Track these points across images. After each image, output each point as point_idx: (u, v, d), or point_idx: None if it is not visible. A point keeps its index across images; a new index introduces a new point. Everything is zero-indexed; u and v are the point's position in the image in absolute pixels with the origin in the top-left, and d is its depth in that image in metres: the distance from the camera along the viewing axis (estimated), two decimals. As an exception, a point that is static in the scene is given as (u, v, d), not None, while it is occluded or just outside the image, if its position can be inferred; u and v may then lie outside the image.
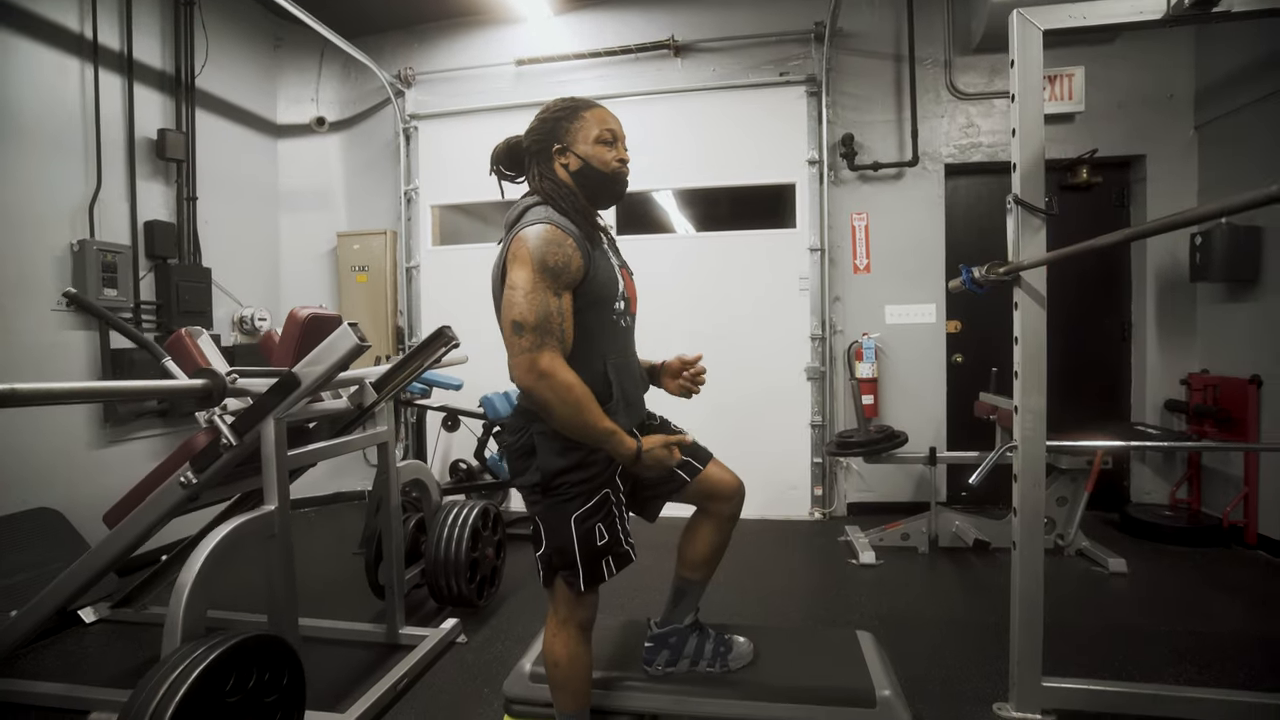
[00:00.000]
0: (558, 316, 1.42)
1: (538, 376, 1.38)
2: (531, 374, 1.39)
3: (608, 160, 1.56)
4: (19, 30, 3.02)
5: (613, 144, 1.58)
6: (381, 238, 4.64)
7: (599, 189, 1.58)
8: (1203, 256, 3.62)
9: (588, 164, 1.55)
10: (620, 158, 1.59)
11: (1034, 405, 1.97)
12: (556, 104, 1.60)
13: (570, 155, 1.56)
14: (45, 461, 3.06)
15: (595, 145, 1.56)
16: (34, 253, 3.07)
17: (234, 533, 1.77)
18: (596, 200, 1.61)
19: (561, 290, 1.43)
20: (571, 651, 1.59)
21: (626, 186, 1.62)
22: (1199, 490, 3.89)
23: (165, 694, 1.42)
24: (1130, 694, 1.99)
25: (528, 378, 1.39)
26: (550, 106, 1.60)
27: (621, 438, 1.44)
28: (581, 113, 1.57)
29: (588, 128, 1.56)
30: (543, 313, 1.39)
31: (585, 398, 1.40)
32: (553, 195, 1.55)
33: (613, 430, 1.43)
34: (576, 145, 1.55)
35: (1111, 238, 1.55)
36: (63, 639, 2.67)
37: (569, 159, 1.56)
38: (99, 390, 1.75)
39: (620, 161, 1.59)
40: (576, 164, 1.56)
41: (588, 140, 1.55)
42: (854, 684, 1.78)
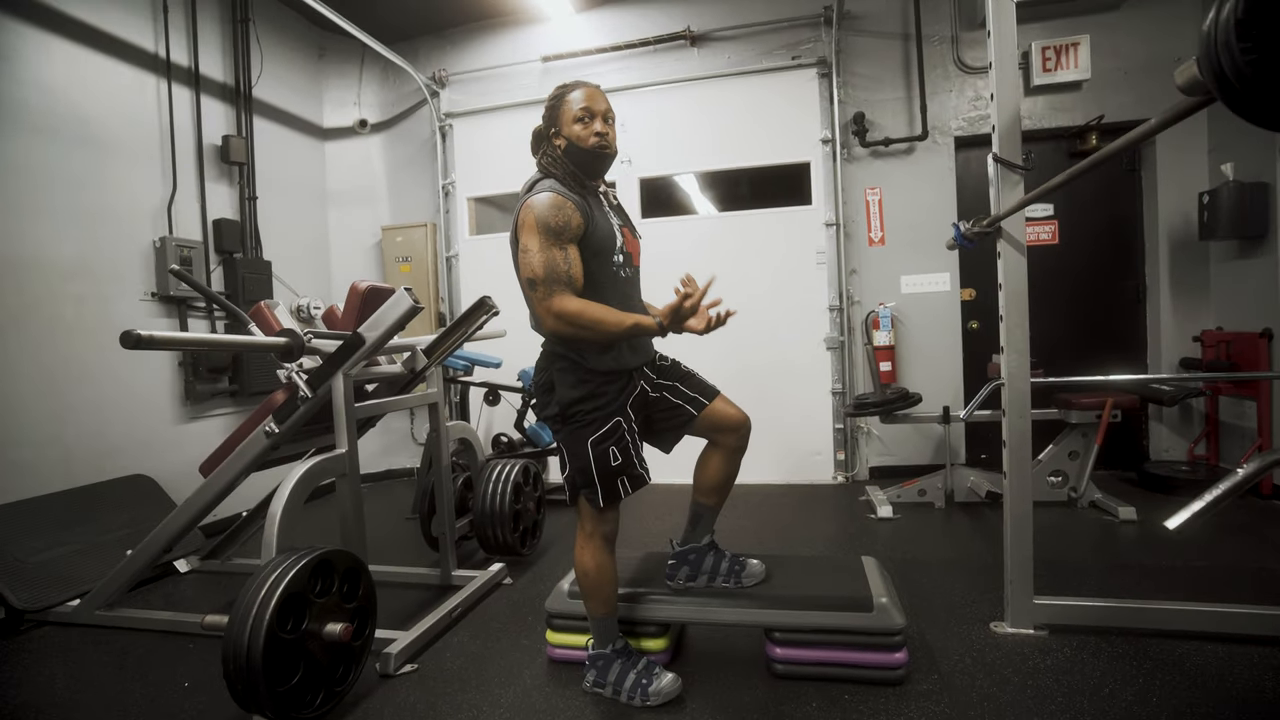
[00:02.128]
0: (564, 264, 1.70)
1: (555, 317, 1.68)
2: (550, 317, 1.68)
3: (584, 137, 1.78)
4: (104, 51, 3.41)
5: (589, 120, 1.78)
6: (422, 230, 4.98)
7: (584, 163, 1.83)
8: (1210, 215, 3.72)
9: (571, 142, 1.80)
10: (597, 132, 1.78)
11: (1018, 344, 2.16)
12: (554, 91, 1.86)
13: (560, 138, 1.82)
14: (137, 434, 3.46)
15: (574, 125, 1.79)
16: (125, 248, 3.47)
17: (313, 469, 2.08)
18: (586, 172, 1.84)
19: (565, 244, 1.71)
20: (598, 561, 1.85)
21: (609, 158, 1.85)
22: (1216, 445, 3.98)
23: (268, 590, 1.73)
24: (1115, 608, 2.18)
25: (548, 321, 1.69)
26: (551, 94, 1.86)
27: (645, 321, 1.69)
28: (565, 96, 1.82)
29: (569, 109, 1.80)
30: (550, 266, 1.68)
31: (596, 312, 1.67)
32: (550, 169, 1.83)
33: (635, 320, 1.69)
34: (563, 127, 1.81)
35: (1059, 179, 1.74)
36: (163, 585, 3.05)
37: (559, 141, 1.83)
38: (207, 341, 2.09)
39: (598, 135, 1.79)
40: (563, 143, 1.82)
41: (569, 121, 1.79)
42: (855, 593, 2.00)
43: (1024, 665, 2.01)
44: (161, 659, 2.32)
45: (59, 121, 3.19)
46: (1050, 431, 3.59)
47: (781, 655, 1.99)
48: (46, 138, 3.14)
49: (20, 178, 3.02)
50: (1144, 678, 1.91)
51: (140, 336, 1.60)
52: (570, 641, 2.12)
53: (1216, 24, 0.80)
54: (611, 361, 1.80)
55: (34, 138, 3.09)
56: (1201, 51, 0.84)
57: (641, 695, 1.87)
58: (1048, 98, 4.18)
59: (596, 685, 1.94)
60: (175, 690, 2.10)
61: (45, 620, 2.63)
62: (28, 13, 3.09)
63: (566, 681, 2.05)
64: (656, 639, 2.07)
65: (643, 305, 1.97)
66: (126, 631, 2.52)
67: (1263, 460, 0.94)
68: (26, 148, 3.06)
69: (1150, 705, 1.78)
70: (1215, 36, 0.80)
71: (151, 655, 2.35)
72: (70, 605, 2.63)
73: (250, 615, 1.67)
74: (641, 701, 1.87)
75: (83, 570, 2.81)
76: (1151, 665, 1.97)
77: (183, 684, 2.13)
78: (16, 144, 3.02)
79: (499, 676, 2.11)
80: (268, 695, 1.66)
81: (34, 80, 3.11)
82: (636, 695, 1.87)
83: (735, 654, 2.16)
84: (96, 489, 3.19)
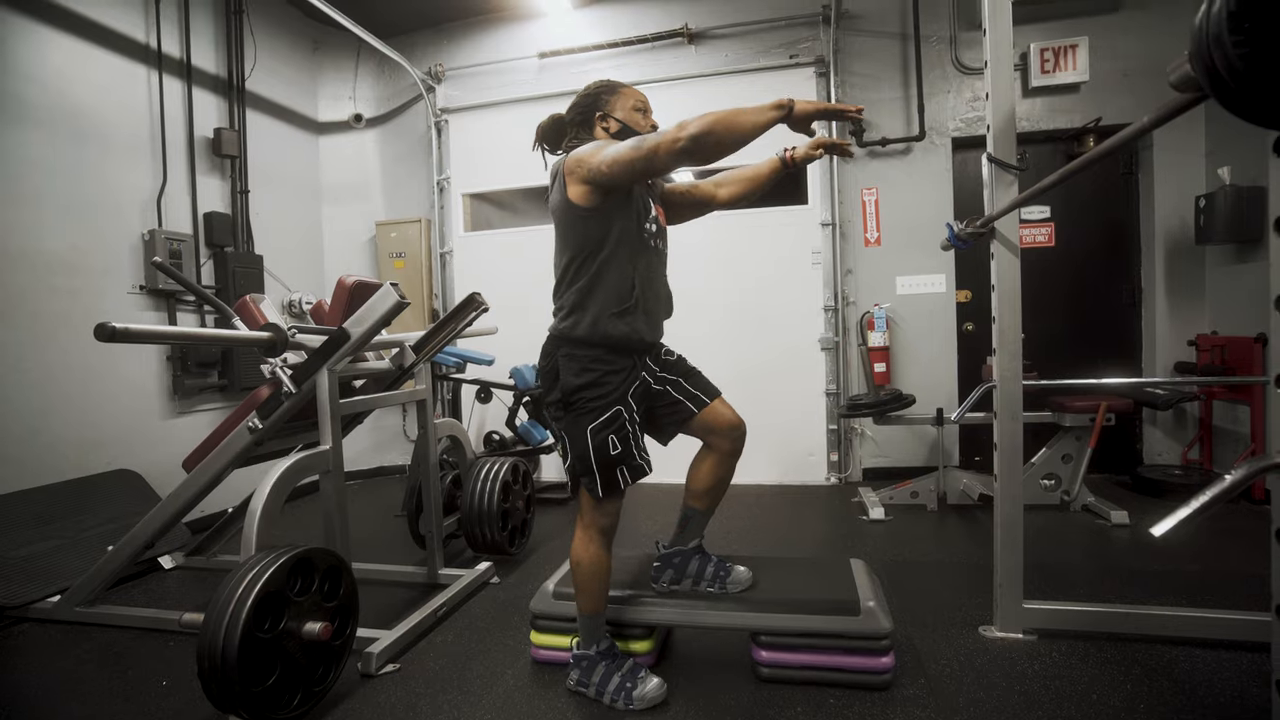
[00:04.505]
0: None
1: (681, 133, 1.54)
2: (681, 138, 1.54)
3: (642, 125, 1.86)
4: (94, 41, 3.38)
5: (647, 113, 1.89)
6: (417, 225, 4.95)
7: None
8: (1206, 219, 3.70)
9: (626, 126, 1.85)
10: (653, 124, 1.88)
11: (1010, 346, 2.14)
12: (595, 84, 1.91)
13: (611, 120, 1.86)
14: (124, 428, 3.43)
15: (633, 112, 1.87)
16: (114, 241, 3.43)
17: (296, 465, 2.05)
18: None
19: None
20: (593, 554, 1.84)
21: None
22: (1210, 450, 3.96)
23: (245, 588, 1.70)
24: (1104, 613, 2.16)
25: (680, 142, 1.54)
26: (590, 86, 1.91)
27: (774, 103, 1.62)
28: (620, 89, 1.90)
29: (626, 99, 1.87)
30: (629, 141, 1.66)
31: (720, 112, 1.55)
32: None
33: (766, 106, 1.60)
34: (616, 112, 1.86)
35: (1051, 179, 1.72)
36: (147, 581, 3.02)
37: (610, 123, 1.86)
38: (188, 335, 2.05)
39: (653, 127, 1.87)
40: (616, 126, 1.85)
41: (626, 108, 1.86)
42: (842, 597, 1.97)
43: (1012, 670, 1.99)
44: (140, 657, 2.29)
45: (47, 112, 3.16)
46: (1044, 434, 3.57)
47: (767, 659, 1.97)
48: (35, 128, 3.10)
49: (6, 168, 2.99)
50: (1132, 684, 1.89)
51: (115, 329, 1.57)
52: (554, 643, 2.09)
53: (1208, 17, 0.77)
54: (625, 327, 1.77)
55: (21, 128, 3.05)
56: (1193, 47, 0.81)
57: (625, 699, 1.84)
58: (1046, 99, 4.16)
59: (580, 685, 1.92)
60: (153, 689, 2.07)
61: (25, 616, 2.59)
62: (16, 2, 3.05)
63: (549, 683, 2.02)
64: (642, 641, 2.05)
65: (667, 286, 1.95)
66: (106, 628, 2.49)
67: (1250, 467, 0.92)
68: (14, 138, 3.03)
69: (1137, 712, 1.77)
70: (1207, 30, 0.77)
71: (131, 653, 2.32)
72: (50, 601, 2.60)
73: (226, 614, 1.65)
74: (625, 705, 1.85)
75: (64, 566, 2.78)
76: (1140, 671, 1.96)
77: (160, 682, 2.10)
78: (3, 134, 2.99)
79: (481, 677, 2.08)
80: (243, 695, 1.64)
81: (22, 70, 3.07)
82: (620, 699, 1.85)
83: (721, 657, 2.14)
84: (81, 483, 3.16)
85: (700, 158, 1.60)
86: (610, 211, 1.75)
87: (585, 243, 1.76)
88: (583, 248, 1.77)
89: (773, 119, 1.58)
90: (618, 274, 1.76)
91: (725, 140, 1.55)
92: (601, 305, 1.75)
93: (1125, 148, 4.23)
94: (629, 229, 1.78)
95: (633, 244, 1.79)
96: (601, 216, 1.75)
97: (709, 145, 1.55)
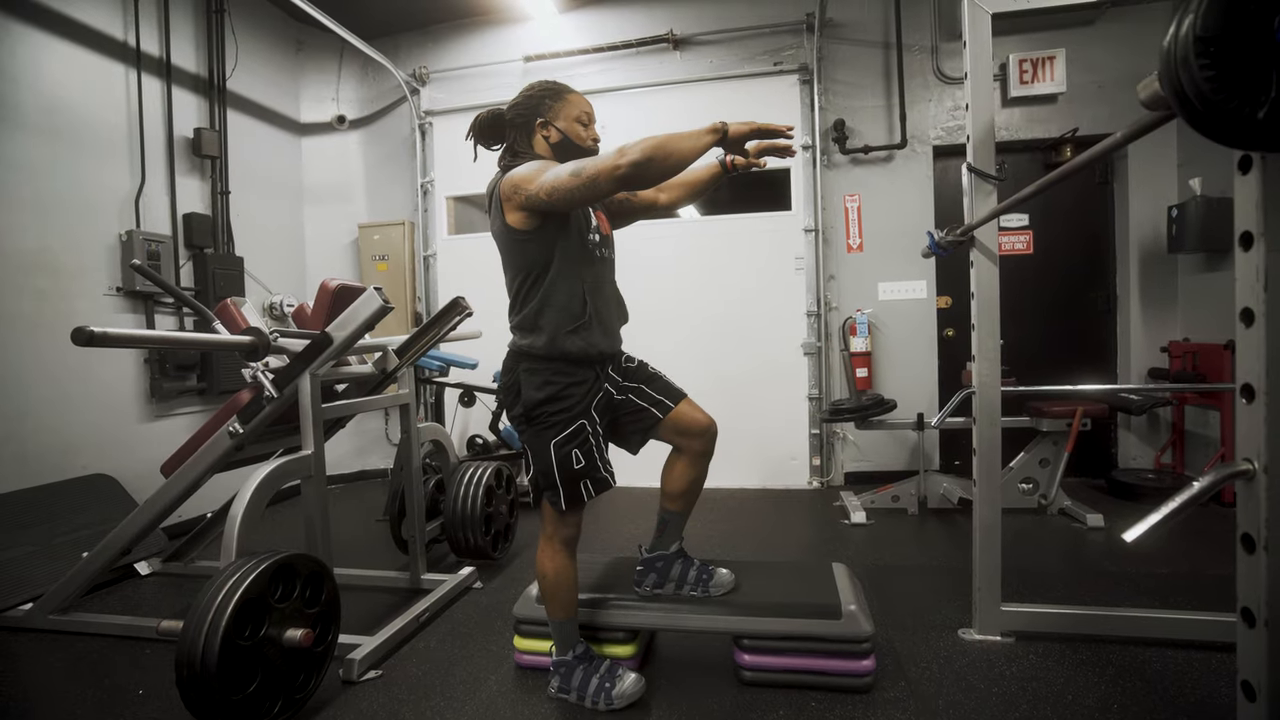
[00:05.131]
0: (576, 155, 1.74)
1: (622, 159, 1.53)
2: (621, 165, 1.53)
3: (584, 137, 1.83)
4: (70, 38, 3.33)
5: (589, 124, 1.84)
6: (400, 228, 4.92)
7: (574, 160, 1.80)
8: (1178, 228, 3.79)
9: (566, 138, 1.81)
10: (594, 137, 1.85)
11: (989, 352, 2.18)
12: (540, 84, 1.85)
13: (552, 129, 1.81)
14: (100, 432, 3.37)
15: (574, 124, 1.82)
16: (89, 242, 3.38)
17: (277, 471, 2.04)
18: None
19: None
20: (557, 565, 1.84)
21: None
22: (1182, 454, 4.05)
23: (225, 594, 1.68)
24: (1080, 615, 2.20)
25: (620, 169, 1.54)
26: (534, 86, 1.85)
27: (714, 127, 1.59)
28: (565, 95, 1.83)
29: (570, 108, 1.82)
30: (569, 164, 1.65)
31: (659, 138, 1.54)
32: (525, 156, 1.81)
33: (701, 131, 1.58)
34: (558, 120, 1.81)
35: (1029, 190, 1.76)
36: (123, 587, 2.97)
37: (550, 132, 1.81)
38: (168, 339, 2.03)
39: (594, 140, 1.85)
40: (557, 137, 1.81)
41: (569, 118, 1.81)
42: (824, 600, 1.99)
43: (990, 672, 2.03)
44: (116, 665, 2.25)
45: (21, 109, 3.11)
46: (1022, 439, 3.63)
47: (749, 662, 1.98)
48: (8, 125, 3.05)
49: (-21, 167, 2.94)
50: (1106, 684, 1.93)
51: (94, 333, 1.55)
52: (538, 648, 2.09)
53: (1176, 40, 0.80)
54: (581, 342, 1.76)
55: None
56: (1162, 68, 0.84)
57: (605, 699, 1.85)
58: (1024, 109, 4.23)
59: (561, 692, 1.92)
60: (129, 698, 2.04)
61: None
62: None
63: (532, 688, 2.02)
64: (625, 645, 2.05)
65: (618, 292, 1.95)
66: (81, 636, 2.45)
67: (1217, 473, 0.95)
68: (-13, 136, 2.97)
69: (1111, 712, 1.80)
70: (1175, 53, 0.80)
71: (106, 661, 2.28)
72: (23, 609, 2.55)
73: (206, 621, 1.63)
74: (606, 705, 1.85)
75: (37, 572, 2.73)
76: (1114, 672, 2.00)
77: (137, 691, 2.07)
78: (-24, 132, 2.94)
79: (464, 683, 2.08)
80: (223, 703, 1.62)
81: (-4, 67, 3.02)
82: (600, 699, 1.86)
83: (703, 661, 2.15)
84: (55, 488, 3.10)
85: (639, 183, 1.62)
86: (550, 231, 1.74)
87: (530, 265, 1.75)
88: (528, 269, 1.76)
89: (709, 143, 1.58)
90: (567, 291, 1.75)
91: (664, 166, 1.56)
92: (556, 324, 1.74)
93: (1101, 158, 4.32)
94: (571, 244, 1.77)
95: (577, 258, 1.78)
96: (543, 237, 1.73)
97: (649, 171, 1.56)
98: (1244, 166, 0.93)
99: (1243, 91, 0.76)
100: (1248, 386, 0.94)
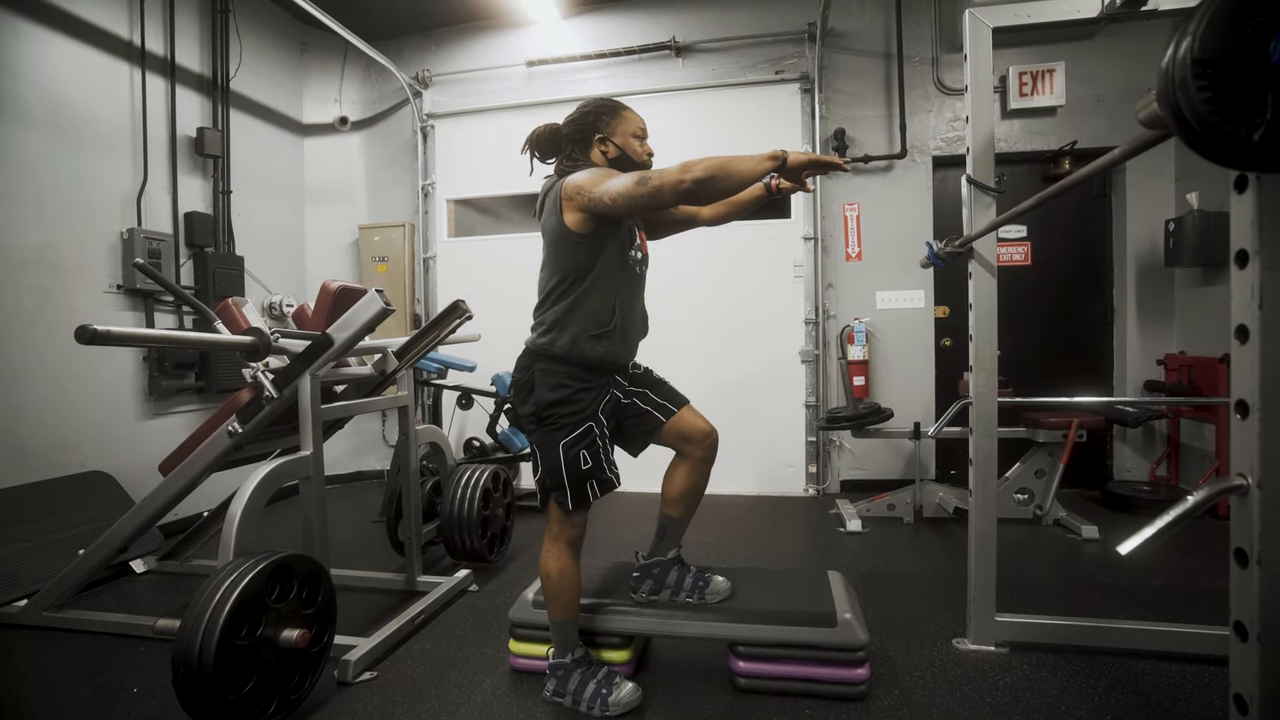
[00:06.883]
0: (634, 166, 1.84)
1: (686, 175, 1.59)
2: (685, 180, 1.59)
3: (639, 152, 1.90)
4: (75, 36, 3.34)
5: (644, 139, 1.93)
6: (400, 230, 4.93)
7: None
8: (1175, 242, 3.81)
9: (624, 153, 1.88)
10: (649, 152, 1.93)
11: (986, 363, 2.19)
12: (596, 101, 1.92)
13: (610, 144, 1.88)
14: (98, 430, 3.37)
15: (631, 139, 1.89)
16: (91, 239, 3.38)
17: (276, 471, 2.04)
18: None
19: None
20: (561, 565, 1.86)
21: None
22: (1177, 467, 4.07)
23: (223, 594, 1.69)
24: (1074, 626, 2.21)
25: (684, 184, 1.60)
26: (591, 102, 1.92)
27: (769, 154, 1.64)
28: (621, 111, 1.91)
29: (626, 124, 1.90)
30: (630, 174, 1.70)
31: (721, 159, 1.60)
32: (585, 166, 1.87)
33: (762, 156, 1.63)
34: (615, 136, 1.88)
35: (1028, 204, 1.77)
36: (118, 585, 2.97)
37: (608, 147, 1.88)
38: (170, 338, 2.03)
39: (649, 155, 1.92)
40: (615, 152, 1.88)
41: (625, 134, 1.89)
42: (819, 608, 2.00)
43: (984, 682, 2.03)
44: (111, 663, 2.25)
45: (25, 106, 3.11)
46: (1018, 449, 3.64)
47: (744, 669, 1.99)
48: (11, 122, 3.05)
49: (-18, 163, 2.94)
50: (1100, 695, 1.94)
51: (97, 331, 1.56)
52: (533, 651, 2.10)
53: (1174, 62, 0.81)
54: (602, 349, 1.80)
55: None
56: (1160, 88, 0.85)
57: (601, 706, 1.86)
58: (1024, 121, 4.26)
59: (556, 695, 1.92)
60: (123, 696, 2.04)
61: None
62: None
63: (527, 692, 2.02)
64: (620, 650, 2.06)
65: (645, 309, 2.00)
66: (75, 634, 2.44)
67: (1212, 488, 0.96)
68: (-10, 132, 2.98)
69: (1104, 724, 1.81)
70: (1173, 75, 0.81)
71: (100, 659, 2.28)
72: (17, 606, 2.54)
73: (203, 620, 1.63)
74: (601, 712, 1.86)
75: (33, 569, 2.73)
76: (1107, 684, 2.00)
77: (131, 689, 2.07)
78: (-21, 128, 2.94)
79: (459, 686, 2.08)
80: (218, 702, 1.62)
81: (1, 64, 3.02)
82: (596, 706, 1.86)
83: (698, 667, 2.15)
84: (52, 485, 3.10)
85: (698, 199, 1.67)
86: (601, 238, 1.79)
87: (573, 267, 1.80)
88: (571, 271, 1.80)
89: (768, 169, 1.64)
90: (599, 299, 1.80)
91: (724, 186, 1.62)
92: (581, 326, 1.78)
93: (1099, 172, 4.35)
94: (615, 256, 1.82)
95: (617, 269, 1.83)
96: (593, 243, 1.78)
97: (709, 189, 1.61)
98: (1240, 186, 0.95)
99: (1239, 114, 0.77)
100: (1242, 402, 0.95)
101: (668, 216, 2.12)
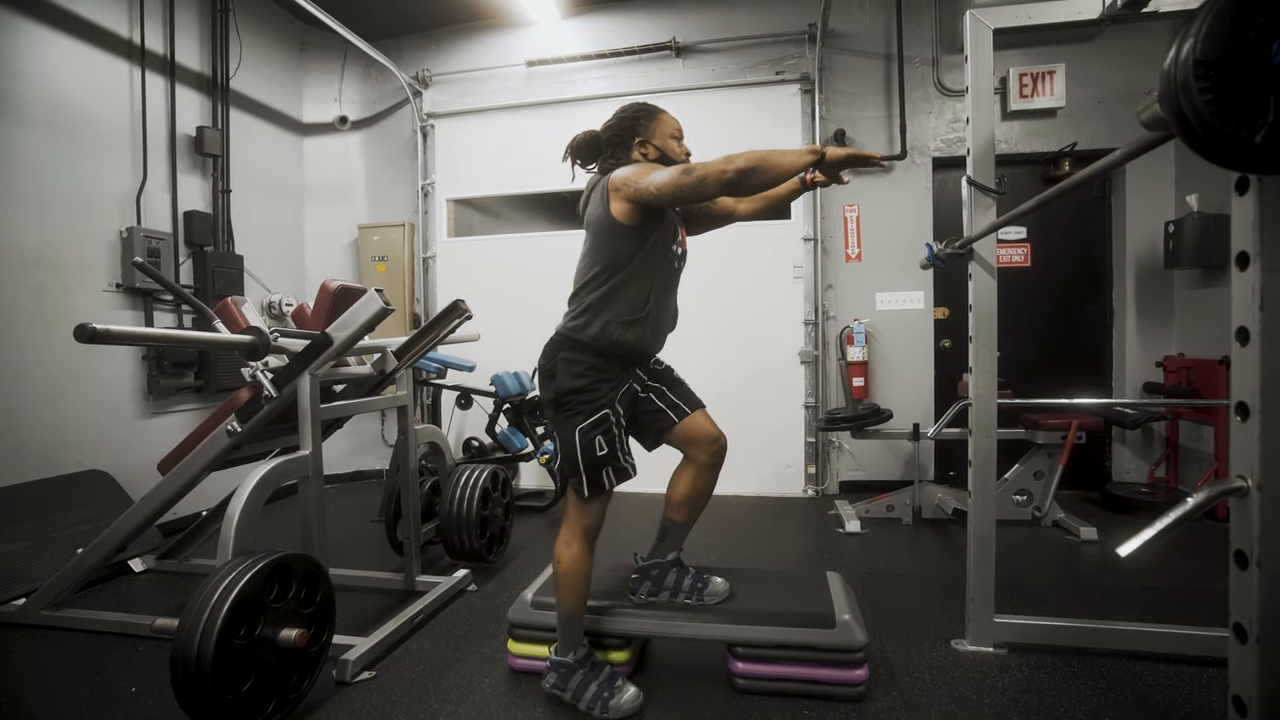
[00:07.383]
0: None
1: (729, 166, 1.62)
2: (729, 171, 1.62)
3: (678, 152, 1.95)
4: (75, 34, 3.33)
5: (681, 140, 1.98)
6: (400, 230, 4.93)
7: None
8: (1175, 244, 3.81)
9: (664, 154, 1.92)
10: (687, 151, 1.98)
11: (986, 364, 2.19)
12: (634, 106, 1.97)
13: (650, 146, 1.92)
14: (96, 428, 3.37)
15: (670, 140, 1.94)
16: (90, 238, 3.38)
17: (275, 470, 2.04)
18: None
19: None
20: (575, 552, 1.87)
21: None
22: (1176, 468, 4.07)
23: (221, 593, 1.68)
24: (1072, 628, 2.21)
25: (728, 174, 1.62)
26: (628, 108, 1.97)
27: (809, 149, 1.68)
28: (657, 114, 1.97)
29: (664, 126, 1.95)
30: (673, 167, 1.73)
31: (763, 152, 1.63)
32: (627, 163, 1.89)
33: (802, 151, 1.66)
34: (655, 139, 1.92)
35: (1028, 205, 1.77)
36: (116, 584, 2.96)
37: (648, 149, 1.93)
38: (169, 337, 2.01)
39: (687, 154, 1.98)
40: (655, 154, 1.92)
41: (664, 136, 1.94)
42: (818, 609, 2.00)
43: (982, 683, 2.03)
44: (109, 662, 2.24)
45: (25, 104, 3.11)
46: (1017, 451, 3.64)
47: (743, 670, 1.99)
48: (11, 121, 3.05)
49: (-19, 161, 2.94)
50: (1098, 697, 1.94)
51: (96, 330, 1.55)
52: (532, 652, 2.09)
53: (1176, 63, 0.81)
54: (631, 336, 1.83)
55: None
56: (1162, 89, 0.85)
57: (601, 708, 1.85)
58: (1024, 123, 4.26)
59: (556, 688, 1.92)
60: (121, 695, 2.03)
61: (-11, 619, 2.54)
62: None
63: (526, 692, 2.02)
64: (619, 651, 2.05)
65: (677, 304, 2.03)
66: (73, 632, 2.44)
67: (1211, 490, 0.96)
68: (-11, 130, 2.97)
69: (1103, 726, 1.81)
70: (1175, 76, 0.81)
71: (98, 658, 2.27)
72: (15, 604, 2.54)
73: (201, 620, 1.63)
74: (600, 714, 1.85)
75: (31, 568, 2.72)
76: (1105, 685, 2.00)
77: (129, 688, 2.06)
78: (-21, 126, 2.94)
79: (458, 686, 2.07)
80: (216, 701, 1.62)
81: (1, 63, 3.02)
82: (596, 707, 1.86)
83: (697, 668, 2.15)
84: (51, 484, 3.09)
85: (740, 191, 1.69)
86: (646, 230, 1.82)
87: (615, 256, 1.82)
88: (612, 260, 1.83)
89: (807, 163, 1.66)
90: (636, 288, 1.83)
91: (765, 178, 1.64)
92: (614, 313, 1.82)
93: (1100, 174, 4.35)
94: (657, 249, 1.86)
95: (657, 262, 1.87)
96: (638, 234, 1.81)
97: (751, 180, 1.64)
98: (1241, 188, 0.95)
99: (1241, 115, 0.77)
100: (1242, 404, 0.95)
101: (708, 210, 2.17)
